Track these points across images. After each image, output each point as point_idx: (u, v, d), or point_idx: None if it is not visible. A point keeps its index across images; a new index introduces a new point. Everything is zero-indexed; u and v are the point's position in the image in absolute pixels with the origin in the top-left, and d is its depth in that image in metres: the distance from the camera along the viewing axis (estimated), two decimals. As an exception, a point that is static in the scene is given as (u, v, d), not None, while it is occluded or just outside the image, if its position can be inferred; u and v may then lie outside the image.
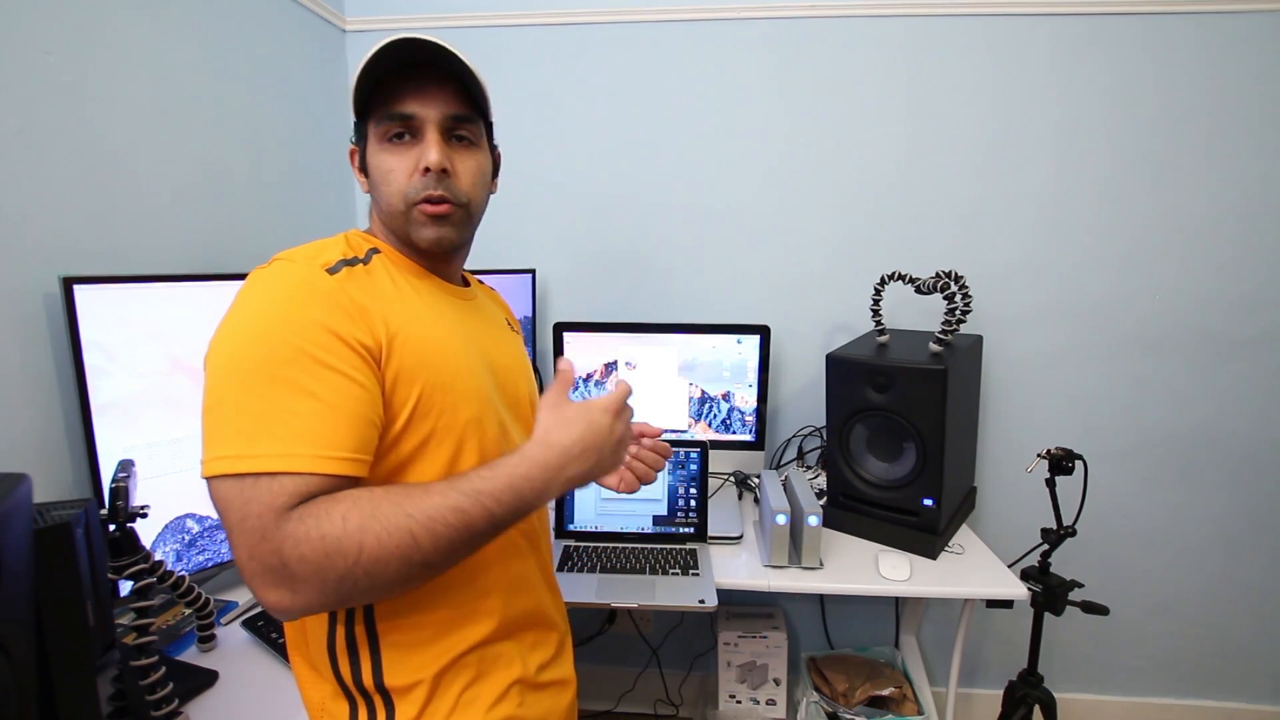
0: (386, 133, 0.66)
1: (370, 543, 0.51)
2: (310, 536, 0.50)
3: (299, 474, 0.52)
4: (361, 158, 0.70)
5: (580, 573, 1.25)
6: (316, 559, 0.50)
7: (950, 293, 1.28)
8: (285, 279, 0.59)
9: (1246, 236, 1.55)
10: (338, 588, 0.51)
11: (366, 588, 0.52)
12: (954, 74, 1.57)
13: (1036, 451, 1.31)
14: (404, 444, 0.62)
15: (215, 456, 0.53)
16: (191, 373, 1.03)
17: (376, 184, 0.68)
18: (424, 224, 0.67)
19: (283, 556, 0.50)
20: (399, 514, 0.53)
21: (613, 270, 1.74)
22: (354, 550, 0.51)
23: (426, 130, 0.66)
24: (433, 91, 0.66)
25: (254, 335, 0.55)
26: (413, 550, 0.52)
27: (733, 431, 1.61)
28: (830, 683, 1.51)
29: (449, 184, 0.67)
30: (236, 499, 0.51)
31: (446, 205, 0.67)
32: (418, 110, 0.65)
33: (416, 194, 0.66)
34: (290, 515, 0.51)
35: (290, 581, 0.50)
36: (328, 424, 0.54)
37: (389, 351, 0.60)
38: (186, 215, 1.20)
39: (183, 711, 0.83)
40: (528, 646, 0.73)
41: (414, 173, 0.66)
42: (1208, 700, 1.77)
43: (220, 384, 0.55)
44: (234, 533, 0.52)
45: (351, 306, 0.59)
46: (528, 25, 1.64)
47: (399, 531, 0.52)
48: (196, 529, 1.05)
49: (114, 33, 1.06)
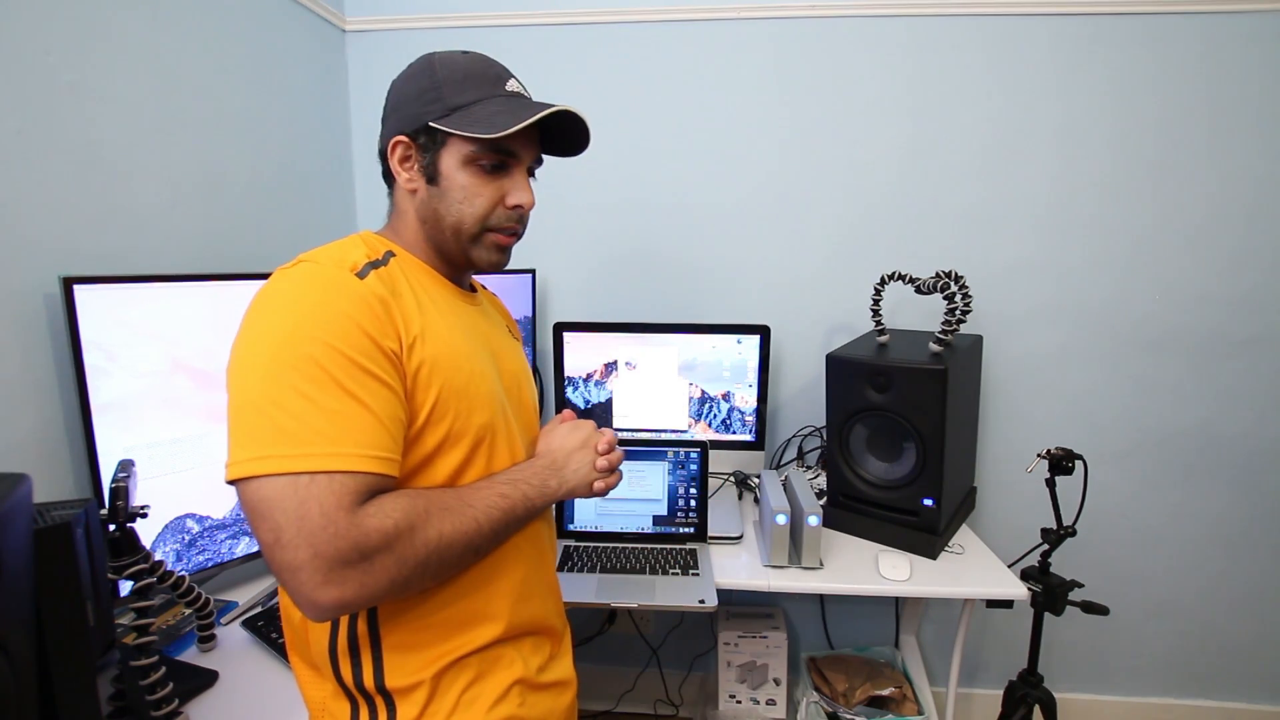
0: (481, 159, 0.68)
1: (447, 530, 0.58)
2: (401, 529, 0.55)
3: (353, 472, 0.53)
4: (429, 162, 0.68)
5: (580, 573, 1.25)
6: (402, 549, 0.55)
7: (950, 293, 1.28)
8: (316, 280, 0.59)
9: (1246, 236, 1.55)
10: (409, 575, 0.56)
11: (434, 573, 0.59)
12: (954, 74, 1.57)
13: (1036, 451, 1.31)
14: (420, 446, 0.62)
15: (255, 456, 0.52)
16: (191, 373, 1.03)
17: (452, 200, 0.69)
18: (492, 249, 0.72)
19: (364, 550, 0.52)
20: (463, 505, 0.61)
21: (613, 270, 1.74)
22: (435, 538, 0.57)
23: (519, 170, 0.71)
24: (531, 135, 0.70)
25: (288, 336, 0.55)
26: (475, 535, 0.61)
27: (733, 431, 1.61)
28: (830, 683, 1.51)
29: (524, 219, 0.74)
30: (290, 497, 0.51)
31: (515, 238, 0.74)
32: (522, 153, 0.71)
33: (499, 224, 0.71)
34: (367, 511, 0.53)
35: (364, 574, 0.52)
36: (370, 424, 0.55)
37: (410, 354, 0.61)
38: (186, 215, 1.20)
39: (183, 711, 0.83)
40: (529, 649, 0.73)
41: (499, 204, 0.70)
42: (1208, 700, 1.77)
43: (257, 384, 0.54)
44: (288, 533, 0.51)
45: (381, 310, 0.60)
46: (528, 25, 1.64)
47: (467, 520, 0.60)
48: (196, 529, 1.05)
49: (114, 33, 1.06)
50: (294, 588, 0.51)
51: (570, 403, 1.63)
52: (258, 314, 0.59)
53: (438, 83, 0.67)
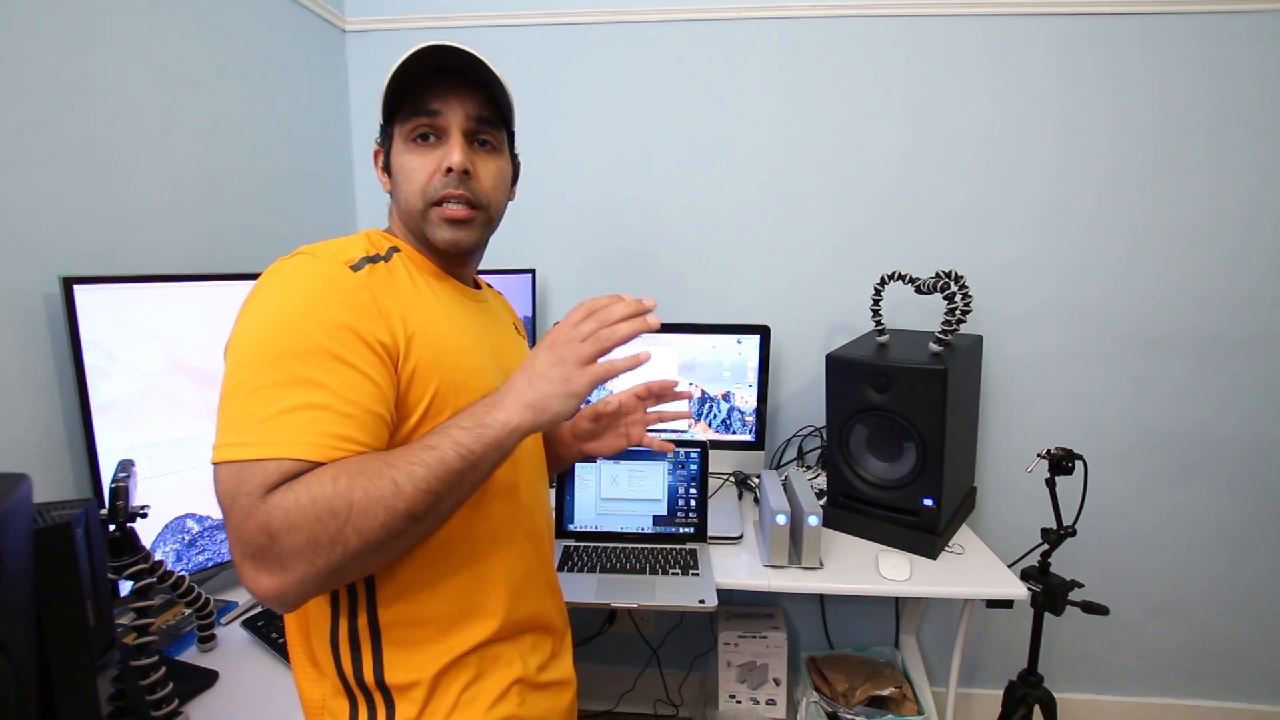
0: (412, 132, 0.68)
1: (359, 496, 0.51)
2: (301, 503, 0.50)
3: (292, 459, 0.52)
4: (386, 158, 0.72)
5: (580, 573, 1.25)
6: (308, 525, 0.49)
7: (950, 293, 1.28)
8: (310, 273, 0.60)
9: (1246, 237, 1.55)
10: (328, 554, 0.50)
11: (358, 549, 0.51)
12: (954, 74, 1.57)
13: (1036, 451, 1.31)
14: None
15: (218, 444, 0.54)
16: (191, 373, 1.03)
17: (398, 183, 0.70)
18: (441, 224, 0.68)
19: (270, 530, 0.49)
20: (380, 465, 0.53)
21: (613, 270, 1.74)
22: (344, 508, 0.50)
23: (451, 132, 0.68)
24: (459, 95, 0.68)
25: (275, 327, 0.56)
26: (395, 497, 0.52)
27: (733, 431, 1.61)
28: (830, 683, 1.51)
29: (470, 185, 0.68)
30: (230, 484, 0.52)
31: (466, 209, 0.68)
32: (443, 109, 0.67)
33: (436, 193, 0.67)
34: (276, 489, 0.50)
35: (280, 558, 0.50)
36: (334, 415, 0.54)
37: (407, 349, 0.61)
38: (186, 215, 1.21)
39: (183, 711, 0.83)
40: (528, 647, 0.73)
41: (435, 173, 0.67)
42: (1208, 700, 1.77)
43: (238, 373, 0.55)
44: (226, 518, 0.52)
45: (372, 304, 0.60)
46: (528, 25, 1.64)
47: (382, 480, 0.52)
48: (196, 529, 1.05)
49: (114, 33, 1.06)
50: (241, 578, 0.52)
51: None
52: (249, 305, 0.60)
53: (385, 85, 0.68)
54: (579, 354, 0.59)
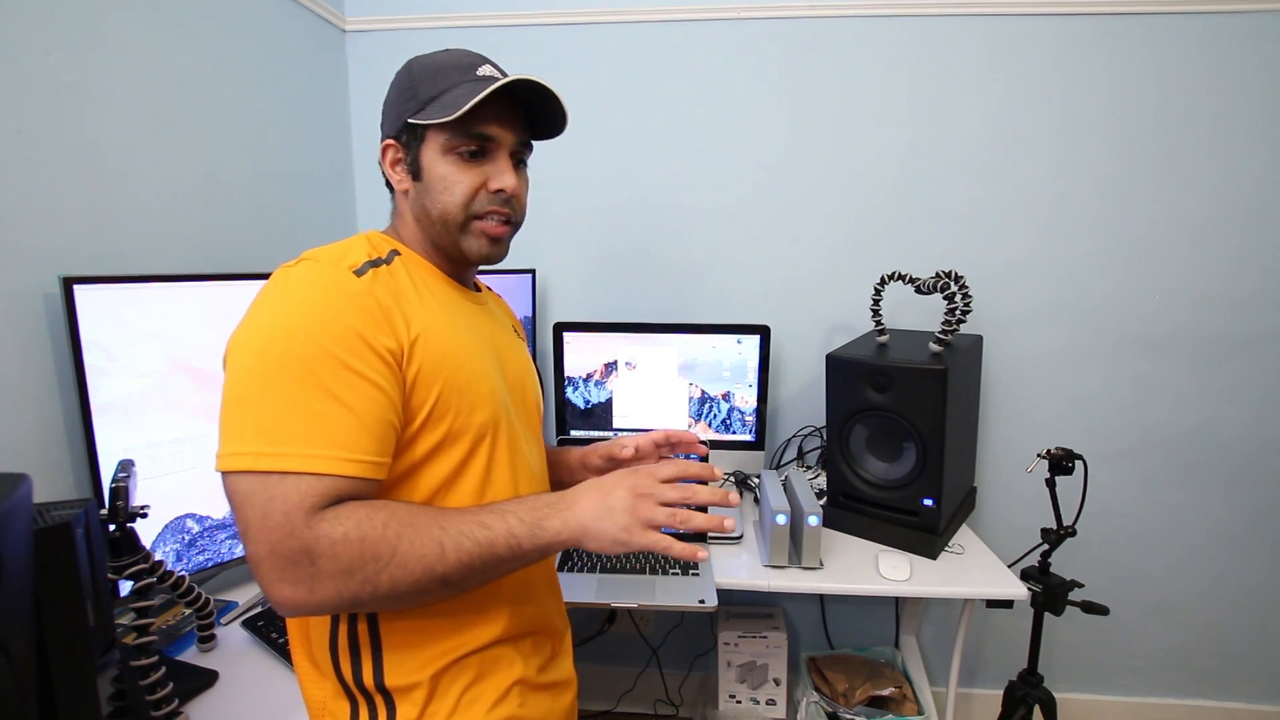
0: (458, 146, 0.68)
1: (404, 548, 0.54)
2: (349, 539, 0.52)
3: (323, 475, 0.53)
4: (412, 159, 0.69)
5: (580, 573, 1.25)
6: (350, 559, 0.52)
7: (950, 293, 1.28)
8: (314, 279, 0.60)
9: (1246, 236, 1.55)
10: (358, 590, 0.53)
11: (385, 594, 0.54)
12: (955, 74, 1.57)
13: (1036, 451, 1.31)
14: (419, 444, 0.63)
15: (236, 451, 0.54)
16: (192, 373, 1.03)
17: (434, 190, 0.69)
18: (481, 238, 0.70)
19: (313, 554, 0.51)
20: (433, 525, 0.56)
21: (613, 270, 1.74)
22: (388, 554, 0.53)
23: (499, 153, 0.69)
24: (509, 117, 0.69)
25: (282, 334, 0.56)
26: (438, 561, 0.55)
27: (733, 431, 1.61)
28: (830, 683, 1.51)
29: (513, 204, 0.71)
30: (259, 495, 0.52)
31: (507, 227, 0.72)
32: (498, 134, 0.68)
33: (482, 208, 0.69)
34: (324, 516, 0.52)
35: (312, 579, 0.52)
36: (351, 427, 0.55)
37: (410, 353, 0.61)
38: (186, 215, 1.20)
39: (183, 711, 0.83)
40: (529, 648, 0.73)
41: (480, 189, 0.68)
42: (1208, 700, 1.77)
43: (245, 379, 0.56)
44: (253, 527, 0.52)
45: (377, 309, 0.60)
46: (528, 25, 1.64)
47: (430, 541, 0.55)
48: (196, 529, 1.05)
49: (114, 33, 1.05)
50: (258, 580, 0.53)
51: (570, 403, 1.63)
52: (255, 310, 0.60)
53: (414, 81, 0.68)
54: (651, 517, 0.60)
